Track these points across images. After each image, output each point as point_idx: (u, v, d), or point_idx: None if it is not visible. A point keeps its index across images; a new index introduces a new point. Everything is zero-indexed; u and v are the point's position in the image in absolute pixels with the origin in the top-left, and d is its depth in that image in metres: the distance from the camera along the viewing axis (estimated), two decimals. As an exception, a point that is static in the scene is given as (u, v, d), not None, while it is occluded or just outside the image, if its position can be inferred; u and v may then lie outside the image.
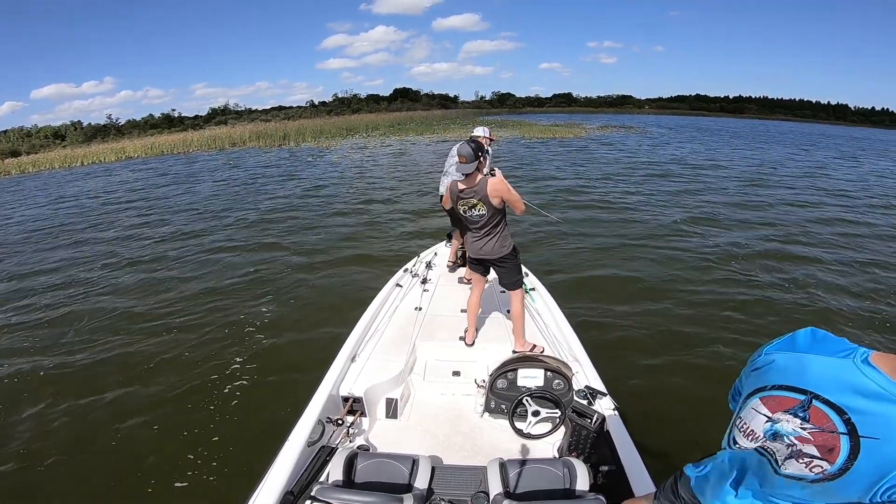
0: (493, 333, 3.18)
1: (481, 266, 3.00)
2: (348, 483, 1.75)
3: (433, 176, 13.24)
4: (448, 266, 4.15)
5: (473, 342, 3.05)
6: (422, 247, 7.08)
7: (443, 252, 4.49)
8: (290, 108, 76.14)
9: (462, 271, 4.08)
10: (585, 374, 2.55)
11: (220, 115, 67.46)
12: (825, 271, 6.00)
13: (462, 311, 3.33)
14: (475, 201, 2.71)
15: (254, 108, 76.01)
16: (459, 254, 4.16)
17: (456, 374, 2.89)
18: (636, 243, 7.10)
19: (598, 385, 2.43)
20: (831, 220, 8.73)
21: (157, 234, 8.40)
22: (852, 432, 0.70)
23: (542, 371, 2.41)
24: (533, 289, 3.65)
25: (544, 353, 2.83)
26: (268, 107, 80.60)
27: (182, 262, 6.83)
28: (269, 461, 1.99)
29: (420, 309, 3.40)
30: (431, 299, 3.63)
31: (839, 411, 0.72)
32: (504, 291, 3.05)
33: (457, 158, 3.74)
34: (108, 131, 53.89)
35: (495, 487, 1.67)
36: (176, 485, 2.72)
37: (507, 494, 1.64)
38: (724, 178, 13.28)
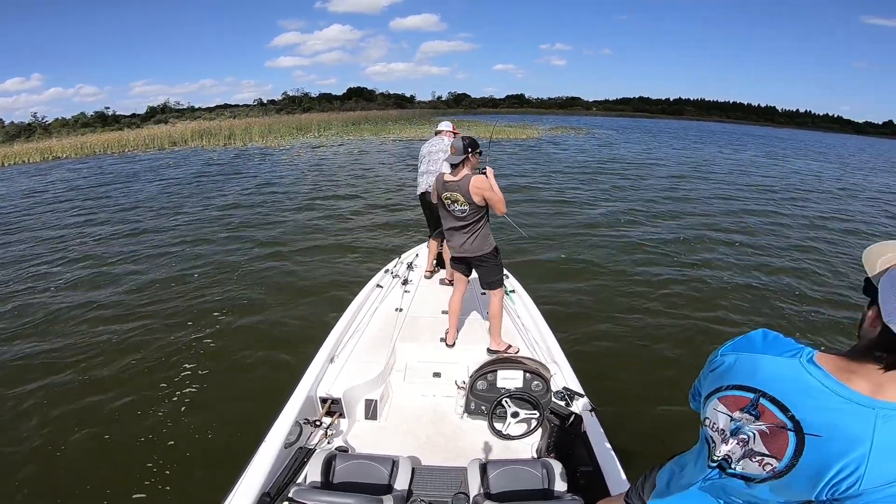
0: (474, 335, 3.16)
1: (463, 264, 2.97)
2: (326, 484, 1.73)
3: (394, 173, 13.17)
4: (426, 275, 4.08)
5: (454, 343, 3.02)
6: (381, 235, 6.95)
7: (424, 253, 4.42)
8: (237, 106, 73.00)
9: (442, 273, 4.04)
10: (563, 376, 2.58)
11: (159, 114, 63.60)
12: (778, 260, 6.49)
13: (443, 312, 3.31)
14: (458, 196, 2.69)
15: (197, 107, 72.66)
16: (435, 262, 4.13)
17: (436, 375, 2.86)
18: (583, 234, 7.39)
19: (576, 386, 2.46)
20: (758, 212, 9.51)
21: (96, 233, 7.91)
22: (798, 429, 0.73)
23: (521, 372, 2.42)
24: (513, 291, 3.66)
25: (519, 354, 2.85)
26: (212, 105, 77.20)
27: (126, 259, 6.47)
28: (244, 464, 1.91)
29: (400, 310, 3.34)
30: (412, 300, 3.58)
31: (783, 409, 0.75)
32: (485, 293, 3.02)
33: (436, 157, 3.82)
34: (33, 130, 49.42)
35: (475, 488, 1.69)
36: (134, 496, 2.52)
37: (487, 495, 1.65)
38: (664, 176, 14.12)
